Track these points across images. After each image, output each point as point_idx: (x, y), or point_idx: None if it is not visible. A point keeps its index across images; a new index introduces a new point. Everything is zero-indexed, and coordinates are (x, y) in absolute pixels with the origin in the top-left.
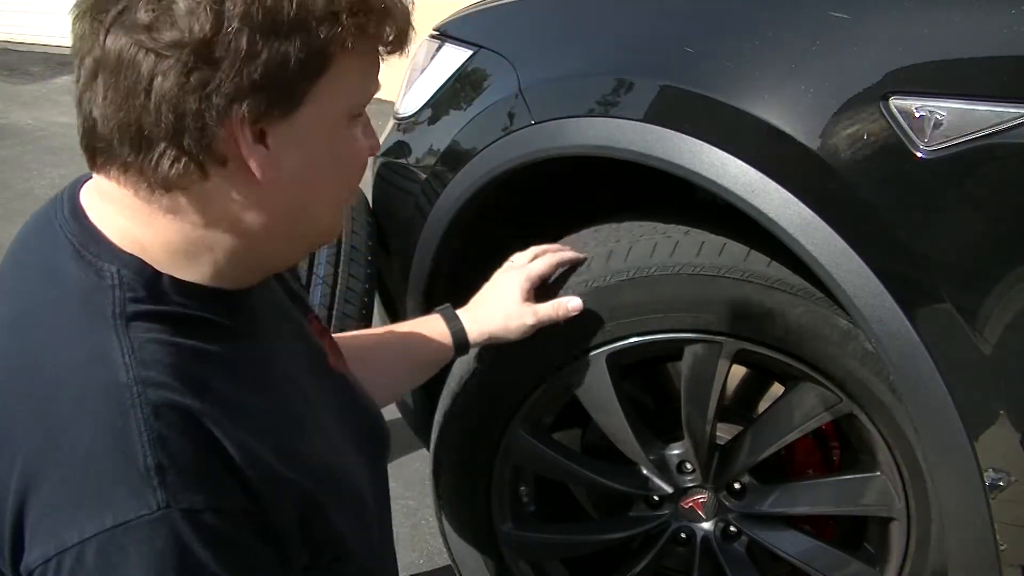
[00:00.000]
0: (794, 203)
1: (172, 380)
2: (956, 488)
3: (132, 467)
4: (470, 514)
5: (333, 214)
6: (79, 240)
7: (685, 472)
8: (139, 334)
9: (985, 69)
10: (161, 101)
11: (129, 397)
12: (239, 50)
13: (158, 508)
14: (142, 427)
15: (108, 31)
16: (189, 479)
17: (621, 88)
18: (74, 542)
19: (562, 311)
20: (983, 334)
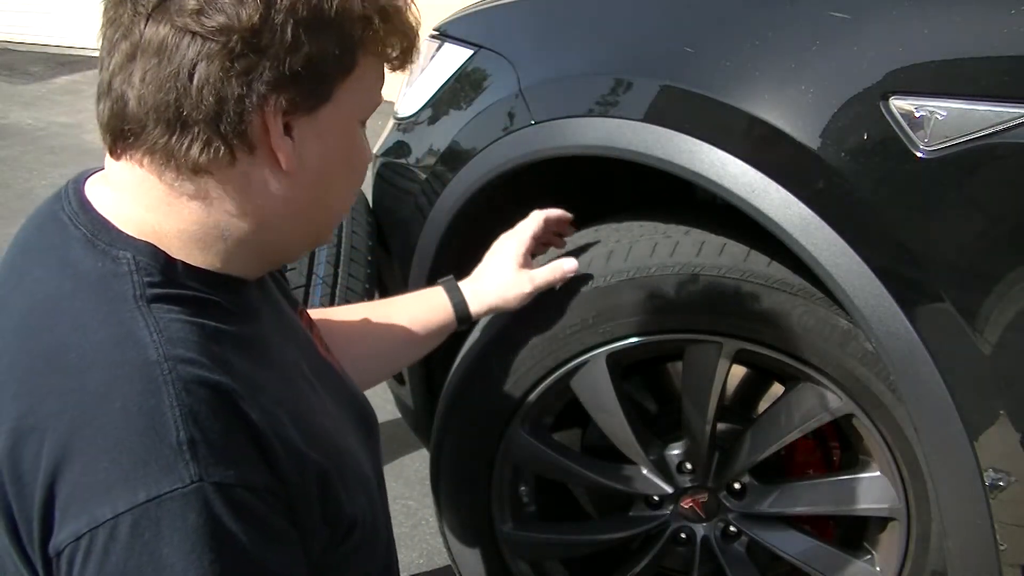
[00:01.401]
0: (794, 203)
1: (200, 357)
2: (956, 488)
3: (164, 442)
4: (470, 514)
5: (338, 214)
6: (90, 230)
7: (685, 472)
8: (162, 314)
9: (985, 69)
10: (204, 84)
11: (160, 374)
12: (284, 41)
13: (191, 482)
14: (174, 402)
15: (150, 17)
16: (220, 454)
17: (621, 88)
18: (107, 518)
19: (559, 274)
20: (983, 334)
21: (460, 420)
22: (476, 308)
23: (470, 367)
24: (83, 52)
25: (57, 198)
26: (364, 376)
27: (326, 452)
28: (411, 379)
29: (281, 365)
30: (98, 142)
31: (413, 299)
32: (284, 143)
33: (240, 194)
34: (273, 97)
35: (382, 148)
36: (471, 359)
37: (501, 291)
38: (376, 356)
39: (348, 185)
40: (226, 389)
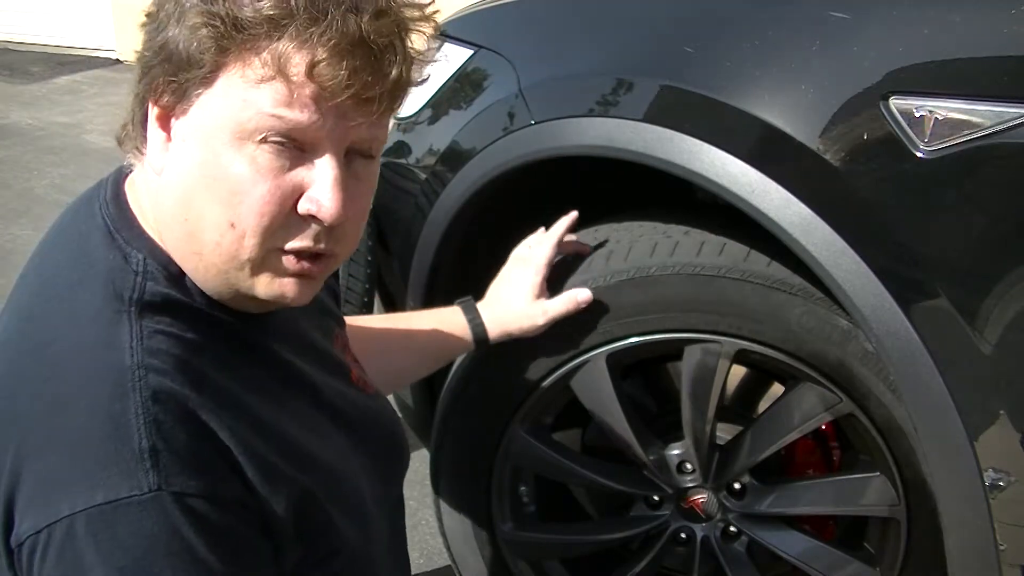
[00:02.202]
0: (794, 203)
1: (174, 370)
2: (956, 488)
3: (127, 448)
4: (470, 514)
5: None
6: (114, 224)
7: (685, 472)
8: (149, 324)
9: (985, 69)
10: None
11: (130, 380)
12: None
13: (150, 490)
14: (139, 410)
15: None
16: (183, 464)
17: (621, 88)
18: (64, 514)
19: (573, 305)
20: (983, 334)
21: (460, 420)
22: (494, 333)
23: (470, 367)
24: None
25: (100, 184)
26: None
27: (315, 473)
28: None
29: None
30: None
31: (433, 317)
32: (155, 136)
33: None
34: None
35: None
36: (471, 359)
37: (519, 320)
38: (391, 371)
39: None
40: (192, 405)
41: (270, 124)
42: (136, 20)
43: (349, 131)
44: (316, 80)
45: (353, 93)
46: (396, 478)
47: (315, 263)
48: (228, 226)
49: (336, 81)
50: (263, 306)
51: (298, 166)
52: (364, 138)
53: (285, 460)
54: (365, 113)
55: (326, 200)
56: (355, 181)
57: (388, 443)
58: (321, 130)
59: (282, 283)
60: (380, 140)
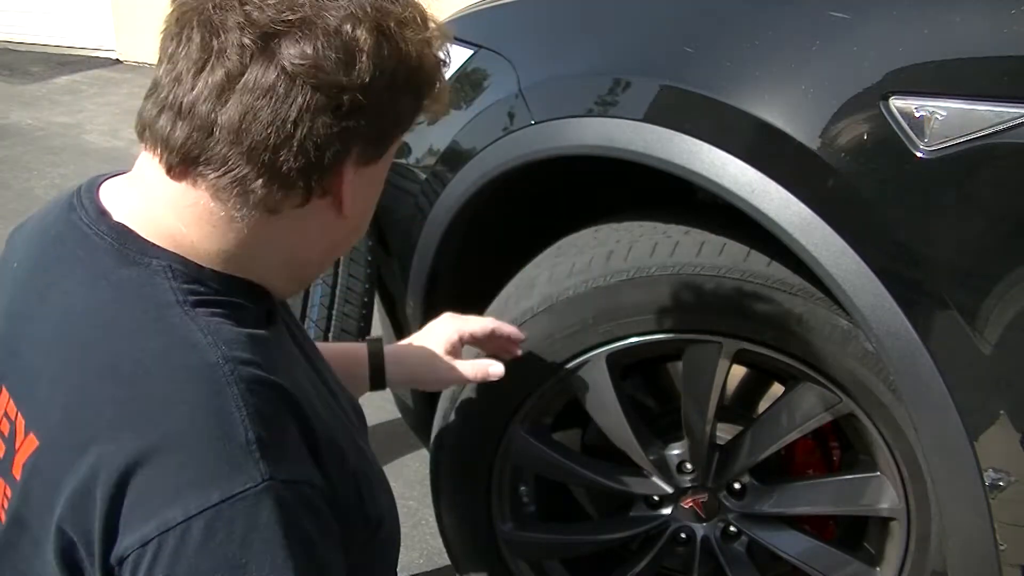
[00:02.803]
0: (794, 203)
1: (256, 357)
2: (956, 488)
3: (233, 443)
4: (470, 514)
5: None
6: (116, 240)
7: (685, 472)
8: (208, 318)
9: (985, 69)
10: (307, 136)
11: (223, 375)
12: (382, 102)
13: (262, 480)
14: (240, 403)
15: (257, 50)
16: (287, 451)
17: (621, 88)
18: (178, 521)
19: (481, 375)
20: (983, 334)
21: (460, 420)
22: (394, 377)
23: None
24: (83, 52)
25: (69, 207)
26: None
27: (354, 452)
28: None
29: (304, 368)
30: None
31: (338, 350)
32: (350, 190)
33: (296, 231)
34: (356, 151)
35: None
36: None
37: (424, 372)
38: None
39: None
40: (286, 389)
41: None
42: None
43: None
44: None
45: None
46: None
47: None
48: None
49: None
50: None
51: None
52: None
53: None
54: None
55: None
56: None
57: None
58: None
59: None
60: None
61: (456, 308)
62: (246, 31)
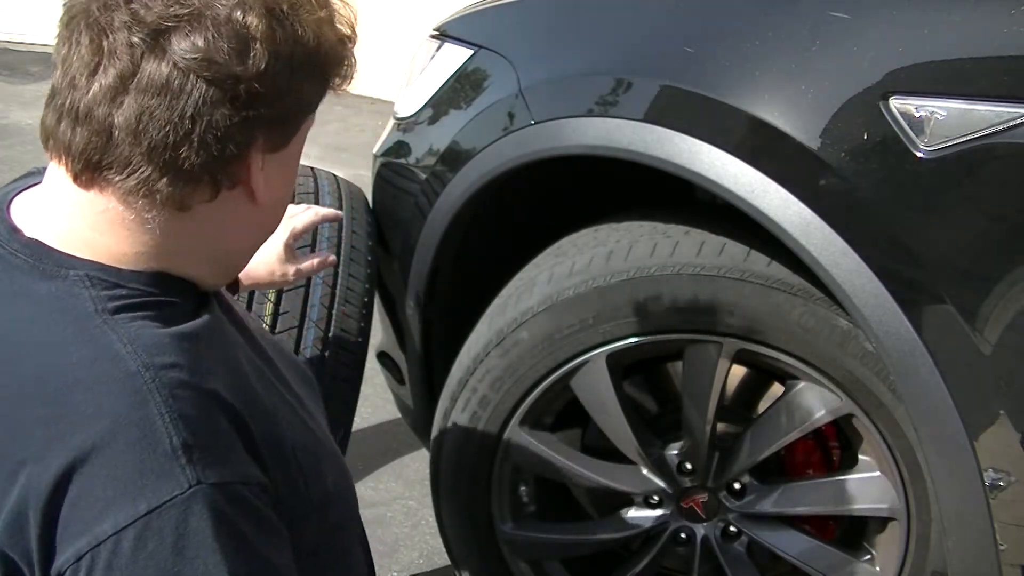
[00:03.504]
0: (794, 203)
1: (177, 359)
2: (956, 488)
3: (158, 451)
4: (470, 514)
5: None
6: (30, 256)
7: (685, 472)
8: (128, 323)
9: (985, 69)
10: (207, 130)
11: (143, 383)
12: (280, 87)
13: (189, 486)
14: (162, 409)
15: (148, 50)
16: (215, 454)
17: (621, 88)
18: (108, 534)
19: (316, 266)
20: (983, 334)
21: (460, 419)
22: (244, 282)
23: (470, 367)
24: None
25: None
26: None
27: (297, 429)
28: (411, 379)
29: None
30: None
31: None
32: (260, 177)
33: (212, 224)
34: (261, 138)
35: (382, 148)
36: (471, 359)
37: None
38: None
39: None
40: (209, 388)
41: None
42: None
43: None
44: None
45: None
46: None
47: None
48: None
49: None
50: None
51: None
52: None
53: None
54: None
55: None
56: None
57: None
58: None
59: None
60: None
61: (456, 308)
62: (134, 30)
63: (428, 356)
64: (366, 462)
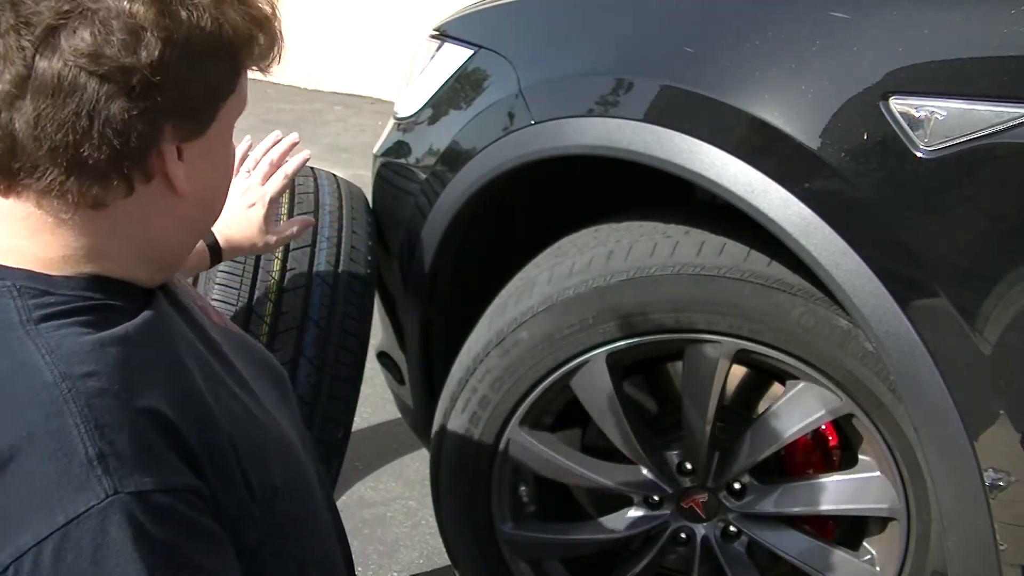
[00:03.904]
0: (794, 203)
1: (98, 367)
2: (956, 488)
3: (74, 461)
4: (470, 514)
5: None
6: None
7: (685, 472)
8: (52, 332)
9: (985, 69)
10: (106, 125)
11: (59, 394)
12: (181, 75)
13: (106, 496)
14: (77, 420)
15: (38, 51)
16: (133, 462)
17: (621, 88)
18: (29, 545)
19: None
20: (983, 334)
21: (460, 420)
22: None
23: (470, 367)
24: None
25: None
26: None
27: (240, 424)
28: (411, 379)
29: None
30: None
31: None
32: (178, 168)
33: (136, 219)
34: (169, 128)
35: (382, 148)
36: (471, 359)
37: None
38: None
39: (228, 185)
40: (126, 396)
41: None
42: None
43: None
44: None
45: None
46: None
47: None
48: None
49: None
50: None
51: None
52: None
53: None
54: None
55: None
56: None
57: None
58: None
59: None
60: None
61: (456, 308)
62: (23, 32)
63: (428, 356)
64: (366, 462)
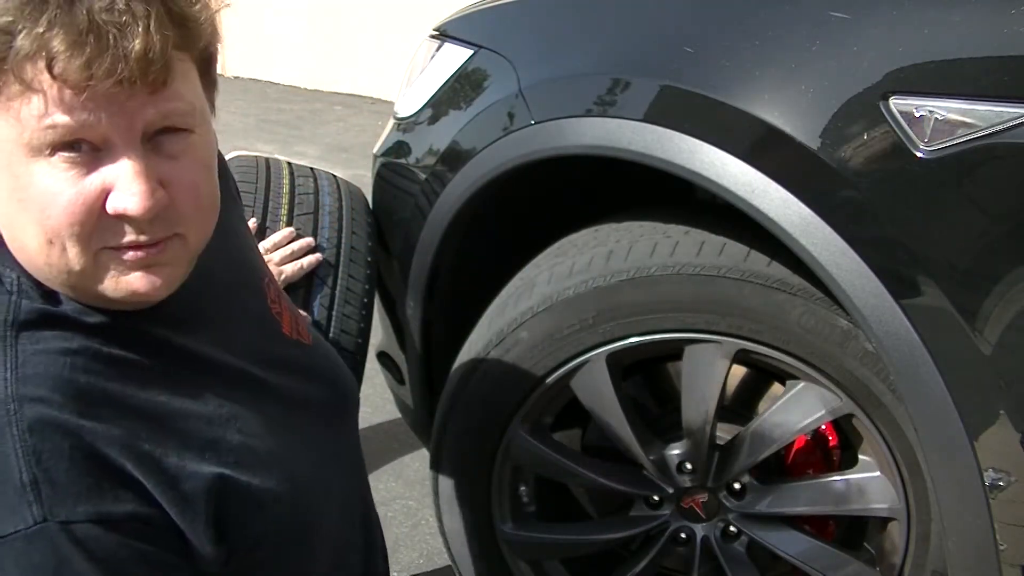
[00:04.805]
0: (794, 203)
1: (52, 393)
2: (956, 488)
3: (8, 485)
4: (470, 514)
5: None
6: None
7: (685, 472)
8: (27, 345)
9: (985, 69)
10: None
11: (4, 415)
12: None
13: (34, 523)
14: (17, 444)
15: None
16: (67, 492)
17: (620, 88)
18: None
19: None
20: (983, 334)
21: (460, 420)
22: None
23: (470, 367)
24: None
25: None
26: None
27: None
28: (411, 379)
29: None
30: None
31: None
32: None
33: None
34: None
35: (382, 148)
36: (471, 359)
37: None
38: None
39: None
40: (73, 426)
41: (48, 137)
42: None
43: (133, 117)
44: (60, 80)
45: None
46: (348, 424)
47: (155, 248)
48: (47, 243)
49: (77, 76)
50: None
51: (99, 166)
52: (155, 118)
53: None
54: (136, 95)
55: (128, 195)
56: (170, 161)
57: (333, 393)
58: (98, 126)
59: (128, 281)
60: (181, 111)
61: (456, 308)
62: None
63: (428, 356)
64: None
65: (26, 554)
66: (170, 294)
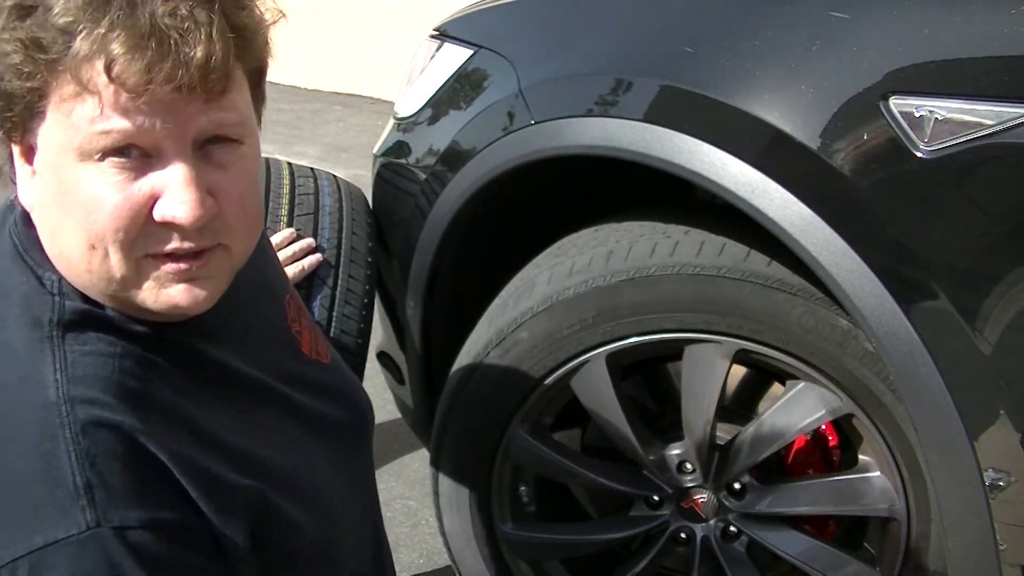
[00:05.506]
0: (794, 203)
1: (104, 395)
2: (956, 488)
3: (61, 487)
4: (470, 514)
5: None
6: (23, 245)
7: (685, 472)
8: (75, 346)
9: (985, 69)
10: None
11: (57, 417)
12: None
13: (87, 528)
14: (70, 446)
15: None
16: (120, 496)
17: (621, 88)
18: (5, 561)
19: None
20: (983, 334)
21: (460, 420)
22: None
23: (470, 367)
24: None
25: (13, 204)
26: None
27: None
28: (411, 379)
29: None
30: None
31: None
32: (22, 172)
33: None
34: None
35: (382, 148)
36: (471, 359)
37: None
38: None
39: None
40: (127, 428)
41: (100, 142)
42: None
43: (187, 124)
44: (118, 83)
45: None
46: (363, 446)
47: (199, 260)
48: (90, 248)
49: (136, 79)
50: (175, 317)
51: (148, 172)
52: (208, 126)
53: (228, 468)
54: (193, 102)
55: (177, 203)
56: (219, 170)
57: (349, 414)
58: (152, 132)
59: (169, 294)
60: (233, 121)
61: (456, 308)
62: None
63: (428, 356)
64: None
65: (78, 559)
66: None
